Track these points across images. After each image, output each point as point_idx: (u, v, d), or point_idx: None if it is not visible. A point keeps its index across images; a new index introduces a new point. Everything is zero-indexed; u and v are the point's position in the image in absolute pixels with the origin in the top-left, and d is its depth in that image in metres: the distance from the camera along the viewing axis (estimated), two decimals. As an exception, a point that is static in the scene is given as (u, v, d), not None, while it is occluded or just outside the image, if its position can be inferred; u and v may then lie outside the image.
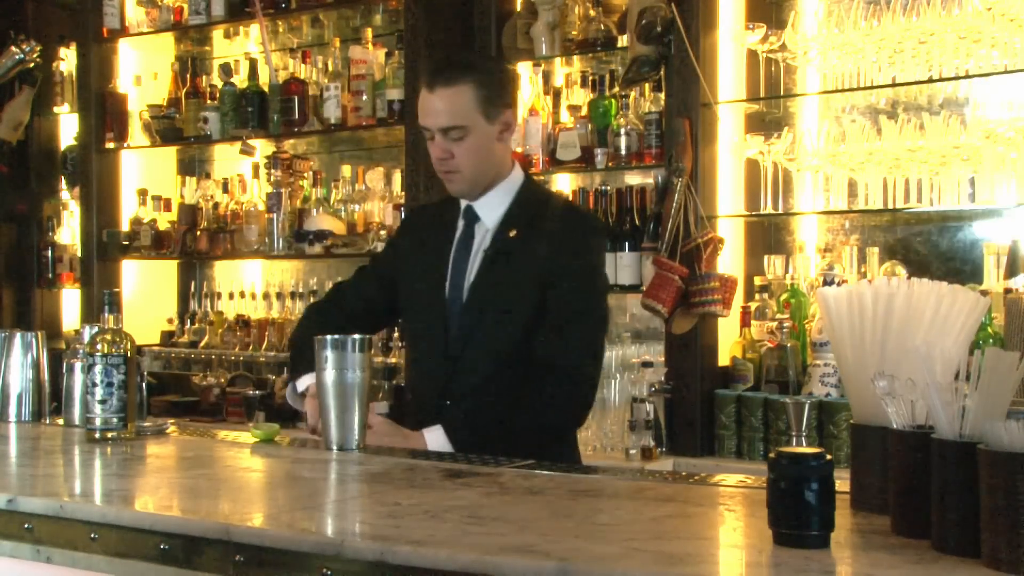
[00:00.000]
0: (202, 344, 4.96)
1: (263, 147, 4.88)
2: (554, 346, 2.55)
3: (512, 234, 2.62)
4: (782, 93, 3.78)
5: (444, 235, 2.70)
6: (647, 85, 3.93)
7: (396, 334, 4.34)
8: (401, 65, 4.25)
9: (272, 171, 4.78)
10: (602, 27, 4.04)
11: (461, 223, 2.69)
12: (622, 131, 3.96)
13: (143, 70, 5.22)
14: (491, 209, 2.65)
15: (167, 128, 5.05)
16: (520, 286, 2.57)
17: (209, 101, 4.95)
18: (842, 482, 1.59)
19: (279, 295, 4.90)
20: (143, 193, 5.16)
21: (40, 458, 2.52)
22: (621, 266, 3.93)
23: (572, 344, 2.58)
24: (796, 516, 1.50)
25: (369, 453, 2.39)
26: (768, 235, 3.95)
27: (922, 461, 1.51)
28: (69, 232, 5.50)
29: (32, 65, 5.43)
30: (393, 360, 4.31)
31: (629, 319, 4.25)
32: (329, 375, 2.38)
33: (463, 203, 2.70)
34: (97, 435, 2.53)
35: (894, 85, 3.53)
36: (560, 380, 2.55)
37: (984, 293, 2.72)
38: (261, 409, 4.52)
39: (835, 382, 3.47)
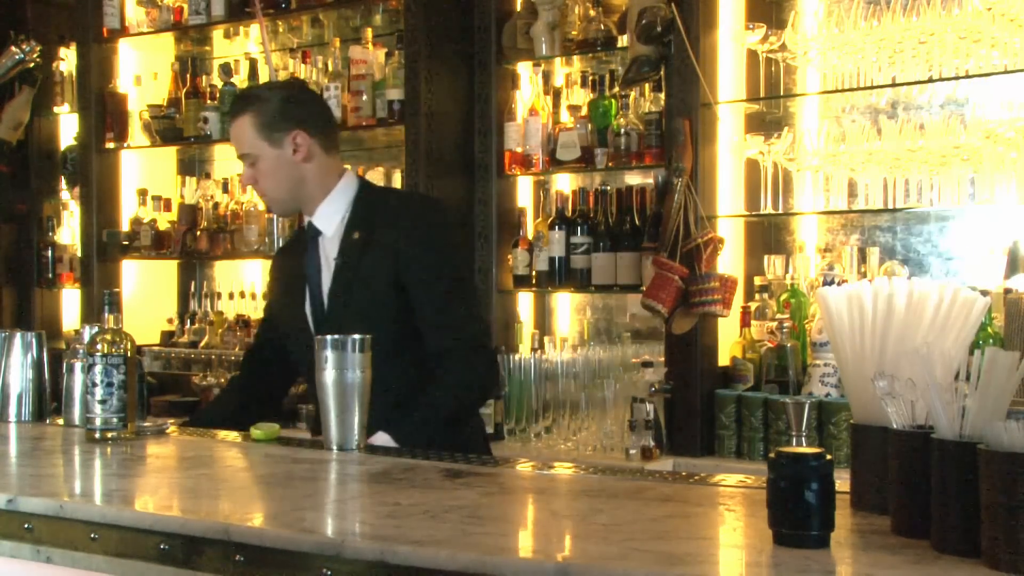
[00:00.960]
0: (202, 344, 4.96)
1: (263, 147, 4.87)
2: (441, 333, 2.66)
3: (355, 236, 2.72)
4: (782, 93, 3.78)
5: (299, 259, 2.83)
6: (647, 85, 3.93)
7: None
8: (401, 65, 4.25)
9: (272, 171, 4.78)
10: (602, 27, 4.04)
11: (308, 242, 2.81)
12: (622, 131, 3.96)
13: (143, 70, 5.22)
14: (328, 219, 2.77)
15: (167, 128, 5.05)
16: (375, 284, 2.68)
17: (209, 101, 4.95)
18: (842, 482, 1.60)
19: (279, 295, 4.89)
20: (143, 193, 5.16)
21: (40, 458, 2.52)
22: (621, 266, 3.93)
23: (455, 323, 2.68)
24: (796, 516, 1.50)
25: (369, 453, 2.39)
26: (768, 235, 3.95)
27: (922, 461, 1.51)
28: (69, 232, 5.50)
29: (32, 65, 5.42)
30: (393, 360, 4.31)
31: (629, 319, 4.26)
32: (329, 375, 2.38)
33: (307, 222, 2.81)
34: (97, 435, 2.53)
35: (894, 85, 3.53)
36: (461, 360, 2.66)
37: (984, 293, 2.72)
38: (261, 409, 4.52)
39: (835, 382, 3.47)
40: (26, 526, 1.93)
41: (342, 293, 2.72)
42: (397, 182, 4.52)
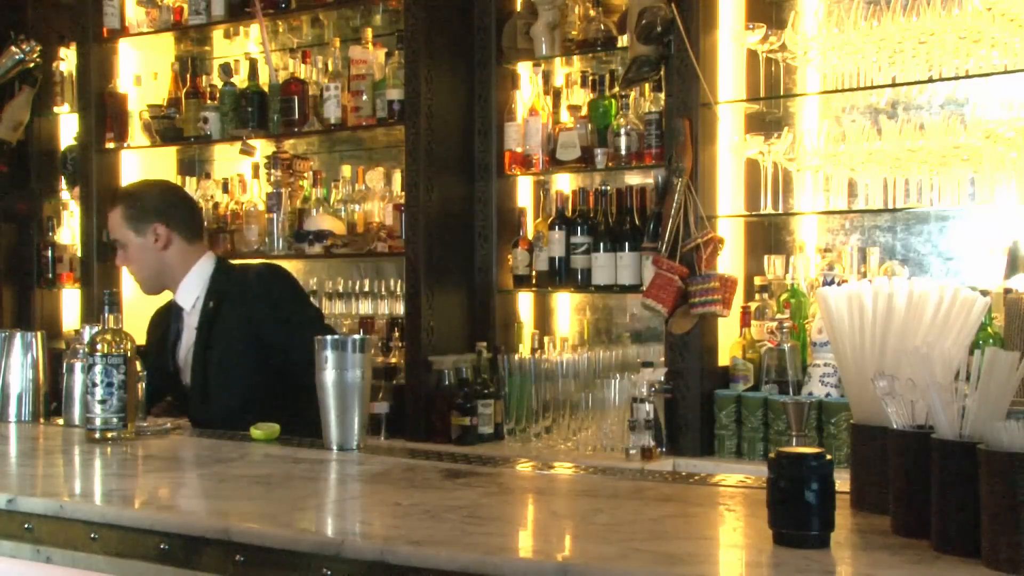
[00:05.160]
0: (202, 344, 4.95)
1: (263, 147, 4.88)
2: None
3: (211, 305, 3.18)
4: (782, 93, 3.78)
5: (169, 324, 3.30)
6: (647, 85, 3.93)
7: (396, 334, 4.35)
8: (401, 65, 4.25)
9: (272, 171, 4.78)
10: (602, 27, 4.04)
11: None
12: (622, 131, 3.96)
13: (143, 70, 5.21)
14: (188, 295, 3.25)
15: (167, 128, 5.04)
16: (232, 343, 3.12)
17: (209, 101, 4.95)
18: (842, 482, 1.60)
19: (279, 295, 4.89)
20: (143, 193, 5.16)
21: (40, 458, 2.53)
22: (621, 266, 3.93)
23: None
24: (796, 516, 1.50)
25: (369, 453, 2.39)
26: (768, 235, 3.95)
27: (922, 461, 1.51)
28: (69, 232, 5.50)
29: (32, 65, 5.42)
30: (393, 360, 4.31)
31: (629, 319, 4.25)
32: (329, 375, 2.38)
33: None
34: (97, 435, 2.53)
35: (894, 85, 3.53)
36: None
37: (984, 293, 2.72)
38: (261, 409, 4.51)
39: (835, 382, 3.47)
40: (26, 526, 1.93)
41: (201, 352, 3.18)
42: (397, 182, 4.52)
